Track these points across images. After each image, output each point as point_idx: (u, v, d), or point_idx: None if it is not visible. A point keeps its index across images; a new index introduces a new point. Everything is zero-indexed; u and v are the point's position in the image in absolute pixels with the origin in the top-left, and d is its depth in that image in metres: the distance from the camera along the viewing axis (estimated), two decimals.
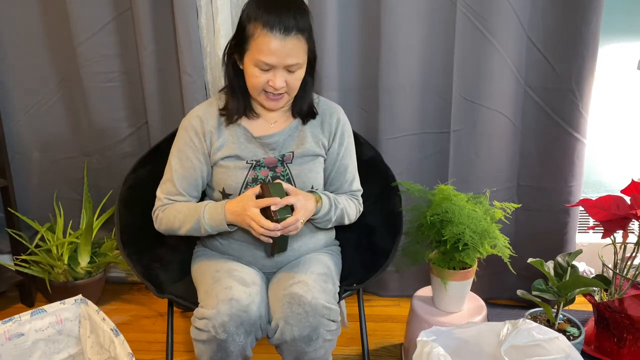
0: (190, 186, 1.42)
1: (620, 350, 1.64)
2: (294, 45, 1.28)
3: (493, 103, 1.82)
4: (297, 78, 1.34)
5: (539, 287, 1.61)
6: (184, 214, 1.38)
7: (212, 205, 1.36)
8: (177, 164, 1.41)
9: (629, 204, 1.58)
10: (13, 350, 1.33)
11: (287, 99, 1.38)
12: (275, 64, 1.29)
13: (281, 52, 1.27)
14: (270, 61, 1.28)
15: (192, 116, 1.43)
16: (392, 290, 2.12)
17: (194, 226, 1.37)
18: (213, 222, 1.35)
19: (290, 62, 1.29)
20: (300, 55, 1.31)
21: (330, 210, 1.40)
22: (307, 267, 1.37)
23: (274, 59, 1.28)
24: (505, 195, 1.93)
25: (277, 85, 1.31)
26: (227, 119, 1.41)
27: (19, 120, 2.06)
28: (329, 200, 1.40)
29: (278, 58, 1.28)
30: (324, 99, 1.52)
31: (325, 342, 1.27)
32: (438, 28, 1.79)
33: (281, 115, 1.45)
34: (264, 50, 1.27)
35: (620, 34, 1.89)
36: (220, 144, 1.40)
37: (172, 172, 1.42)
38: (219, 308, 1.21)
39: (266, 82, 1.31)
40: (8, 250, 2.16)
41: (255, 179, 1.38)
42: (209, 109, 1.43)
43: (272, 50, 1.27)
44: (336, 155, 1.47)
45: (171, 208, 1.41)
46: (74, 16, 1.87)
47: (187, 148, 1.41)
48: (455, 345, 1.29)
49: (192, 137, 1.41)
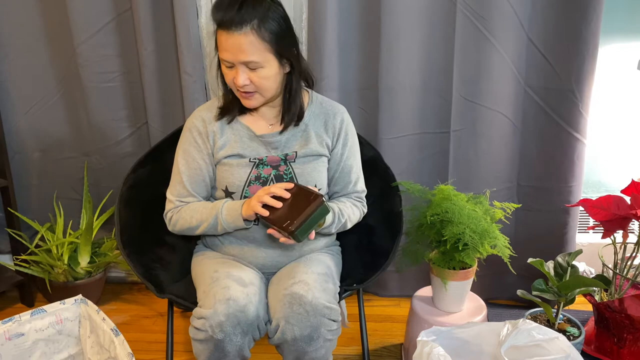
0: (199, 187, 1.43)
1: (620, 350, 1.64)
2: (246, 41, 1.25)
3: (493, 103, 1.82)
4: (262, 77, 1.30)
5: (539, 287, 1.61)
6: (200, 213, 1.39)
7: (230, 202, 1.38)
8: (184, 165, 1.42)
9: (629, 204, 1.57)
10: (13, 350, 1.33)
11: (261, 98, 1.35)
12: (231, 60, 1.28)
13: (232, 48, 1.26)
14: (225, 57, 1.29)
15: (195, 117, 1.44)
16: (392, 290, 2.12)
17: (211, 223, 1.37)
18: (230, 218, 1.35)
19: (243, 59, 1.27)
20: (255, 52, 1.26)
21: (332, 225, 1.40)
22: (308, 266, 1.37)
23: (228, 55, 1.28)
24: (505, 195, 1.93)
25: (239, 82, 1.29)
26: (227, 116, 1.42)
27: (19, 120, 2.06)
28: (333, 216, 1.39)
29: (231, 55, 1.27)
30: (328, 99, 1.51)
31: (326, 342, 1.28)
32: (438, 28, 1.79)
33: (277, 117, 1.44)
34: (221, 48, 1.29)
35: (620, 34, 1.89)
36: (222, 142, 1.41)
37: (180, 174, 1.42)
38: (216, 308, 1.21)
39: (233, 80, 1.32)
40: (8, 250, 2.16)
41: (258, 177, 1.39)
42: (211, 109, 1.44)
43: (224, 46, 1.28)
44: (340, 155, 1.47)
45: (186, 209, 1.41)
46: (74, 16, 1.87)
47: (192, 149, 1.42)
48: (455, 346, 1.29)
49: (196, 138, 1.42)
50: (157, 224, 1.48)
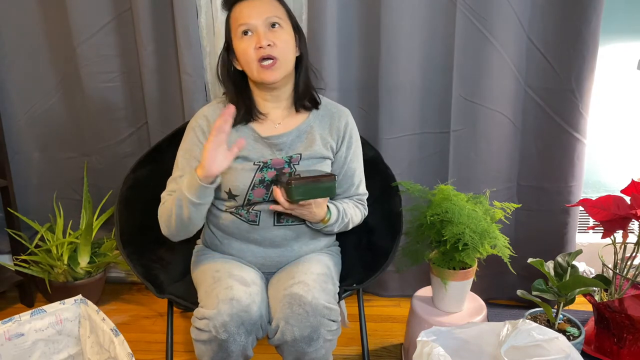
0: None
1: (620, 350, 1.64)
2: (266, 2, 1.34)
3: (493, 103, 1.82)
4: (282, 39, 1.34)
5: (539, 287, 1.61)
6: (170, 201, 1.35)
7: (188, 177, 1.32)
8: (185, 164, 1.40)
9: (629, 204, 1.57)
10: (13, 351, 1.33)
11: (281, 69, 1.35)
12: (254, 21, 1.32)
13: (255, 10, 1.33)
14: (248, 20, 1.32)
15: (199, 116, 1.43)
16: (392, 290, 2.12)
17: (177, 204, 1.31)
18: (191, 188, 1.28)
19: (267, 14, 1.33)
20: (278, 11, 1.35)
21: (335, 224, 1.41)
22: (307, 267, 1.37)
23: (250, 18, 1.32)
24: (505, 195, 1.93)
25: (262, 42, 1.31)
26: (235, 122, 1.39)
27: (19, 120, 2.06)
28: (337, 215, 1.40)
29: (255, 15, 1.32)
30: (332, 102, 1.52)
31: (326, 342, 1.27)
32: (438, 28, 1.79)
33: (286, 114, 1.44)
34: (240, 16, 1.34)
35: (620, 34, 1.89)
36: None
37: (179, 172, 1.41)
38: (220, 308, 1.21)
39: (254, 48, 1.32)
40: (8, 251, 2.16)
41: (262, 180, 1.38)
42: (216, 109, 1.43)
43: (246, 13, 1.33)
44: (344, 158, 1.47)
45: (165, 203, 1.39)
46: (74, 16, 1.87)
47: (195, 148, 1.40)
48: (455, 346, 1.29)
49: (200, 137, 1.41)
50: (157, 224, 1.48)
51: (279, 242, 1.42)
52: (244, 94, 1.41)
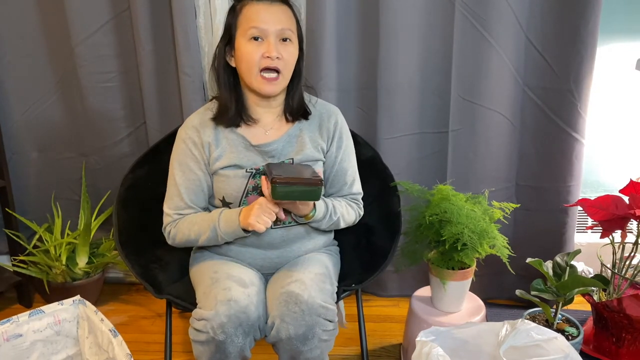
0: (197, 198, 1.41)
1: (619, 350, 1.64)
2: (282, 11, 1.33)
3: (492, 103, 1.82)
4: (290, 53, 1.34)
5: (538, 287, 1.61)
6: (199, 225, 1.37)
7: (227, 212, 1.35)
8: (181, 177, 1.39)
9: (628, 204, 1.58)
10: (11, 351, 1.32)
11: (282, 82, 1.36)
12: (267, 27, 1.31)
13: (271, 16, 1.31)
14: (262, 25, 1.30)
15: (187, 127, 1.41)
16: (391, 290, 2.12)
17: (210, 235, 1.36)
18: (228, 229, 1.33)
19: (281, 27, 1.31)
20: (291, 23, 1.34)
21: (323, 220, 1.40)
22: (305, 266, 1.37)
23: (265, 24, 1.30)
24: (504, 195, 1.93)
25: (273, 53, 1.30)
26: (223, 123, 1.39)
27: (17, 121, 2.06)
28: (325, 211, 1.39)
29: (271, 23, 1.31)
30: (322, 101, 1.51)
31: (321, 342, 1.27)
32: (437, 28, 1.79)
33: (276, 121, 1.44)
34: (254, 18, 1.31)
35: (619, 34, 1.89)
36: (218, 153, 1.38)
37: (177, 186, 1.39)
38: (218, 309, 1.21)
39: (261, 55, 1.31)
40: (6, 251, 2.15)
41: (255, 187, 1.37)
42: (203, 118, 1.41)
43: (262, 17, 1.31)
44: (334, 158, 1.46)
45: (184, 222, 1.39)
46: (72, 16, 1.86)
47: (189, 160, 1.39)
48: (454, 346, 1.29)
49: (192, 149, 1.39)
50: (155, 224, 1.48)
51: (277, 243, 1.41)
52: (236, 94, 1.40)
